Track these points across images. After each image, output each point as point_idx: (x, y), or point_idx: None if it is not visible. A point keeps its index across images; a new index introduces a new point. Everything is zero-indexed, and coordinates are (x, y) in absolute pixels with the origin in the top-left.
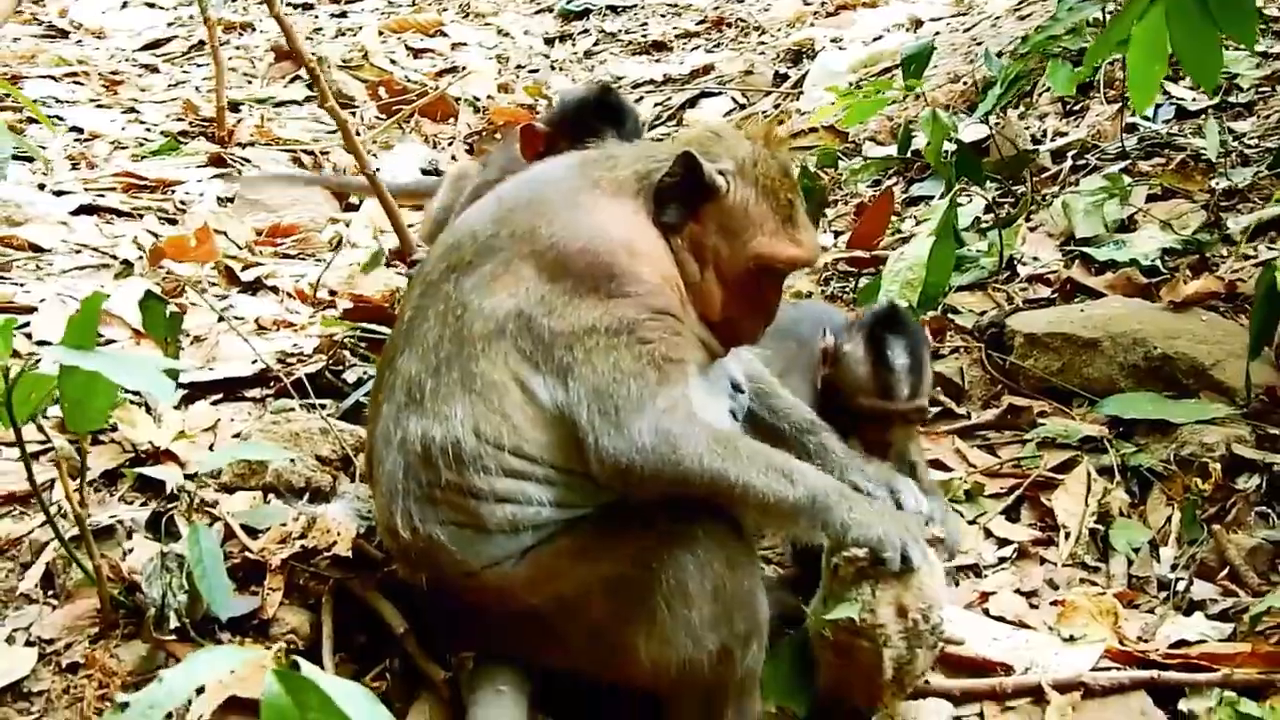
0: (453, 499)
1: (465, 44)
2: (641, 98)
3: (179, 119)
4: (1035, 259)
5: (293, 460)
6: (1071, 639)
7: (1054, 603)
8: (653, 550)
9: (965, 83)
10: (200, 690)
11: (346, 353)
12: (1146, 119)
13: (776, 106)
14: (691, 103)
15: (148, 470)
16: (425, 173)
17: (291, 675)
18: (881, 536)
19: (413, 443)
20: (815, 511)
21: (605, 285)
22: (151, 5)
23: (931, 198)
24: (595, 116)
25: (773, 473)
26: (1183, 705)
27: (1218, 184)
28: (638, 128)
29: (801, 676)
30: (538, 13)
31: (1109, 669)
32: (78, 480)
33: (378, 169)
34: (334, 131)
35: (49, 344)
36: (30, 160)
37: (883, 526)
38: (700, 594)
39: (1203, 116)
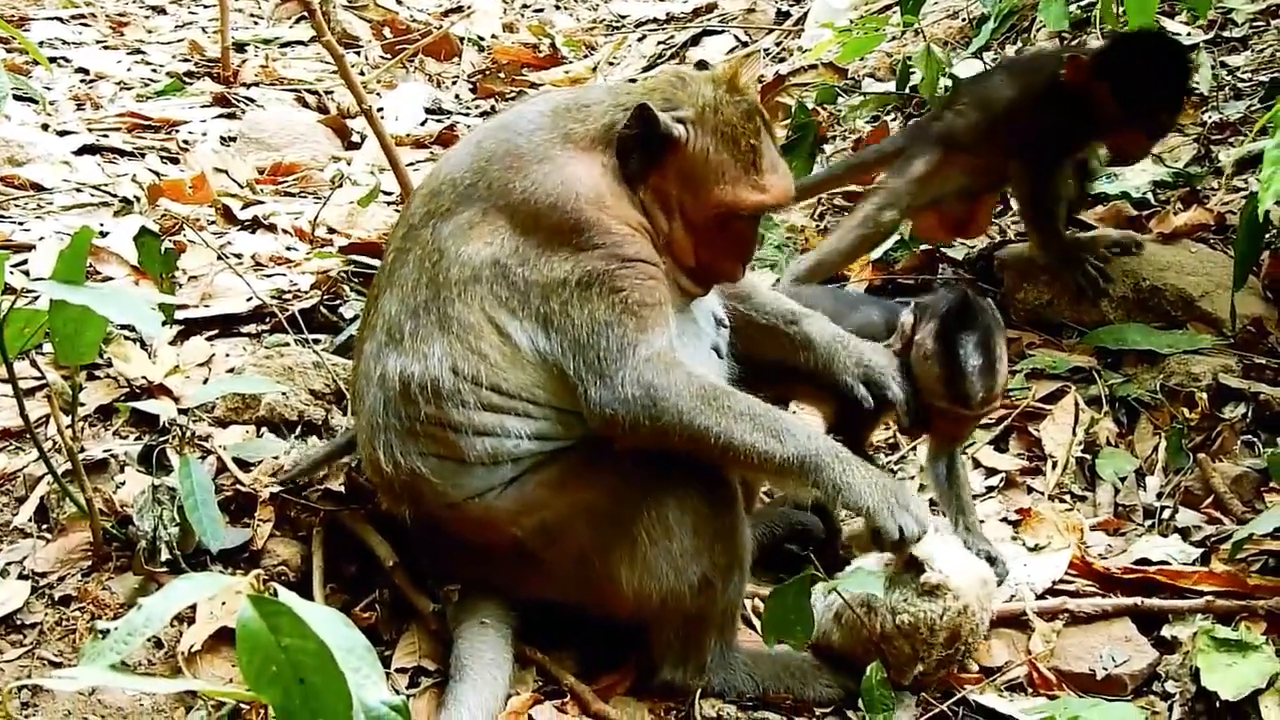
0: (433, 432)
1: None
2: (644, 36)
3: (184, 59)
4: None
5: (285, 394)
6: (1037, 548)
7: (1018, 512)
8: (634, 479)
9: (962, 19)
10: (191, 622)
11: (346, 288)
12: None
13: (778, 44)
14: (694, 40)
15: (141, 405)
16: (430, 112)
17: (266, 600)
18: (874, 507)
19: (392, 379)
20: (805, 471)
21: (575, 238)
22: None
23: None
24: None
25: (759, 430)
26: (1165, 631)
27: (1209, 117)
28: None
29: (802, 613)
30: None
31: (1091, 595)
32: (70, 415)
33: (380, 108)
34: (338, 71)
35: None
36: (34, 102)
37: (877, 495)
38: (680, 524)
39: (1196, 50)
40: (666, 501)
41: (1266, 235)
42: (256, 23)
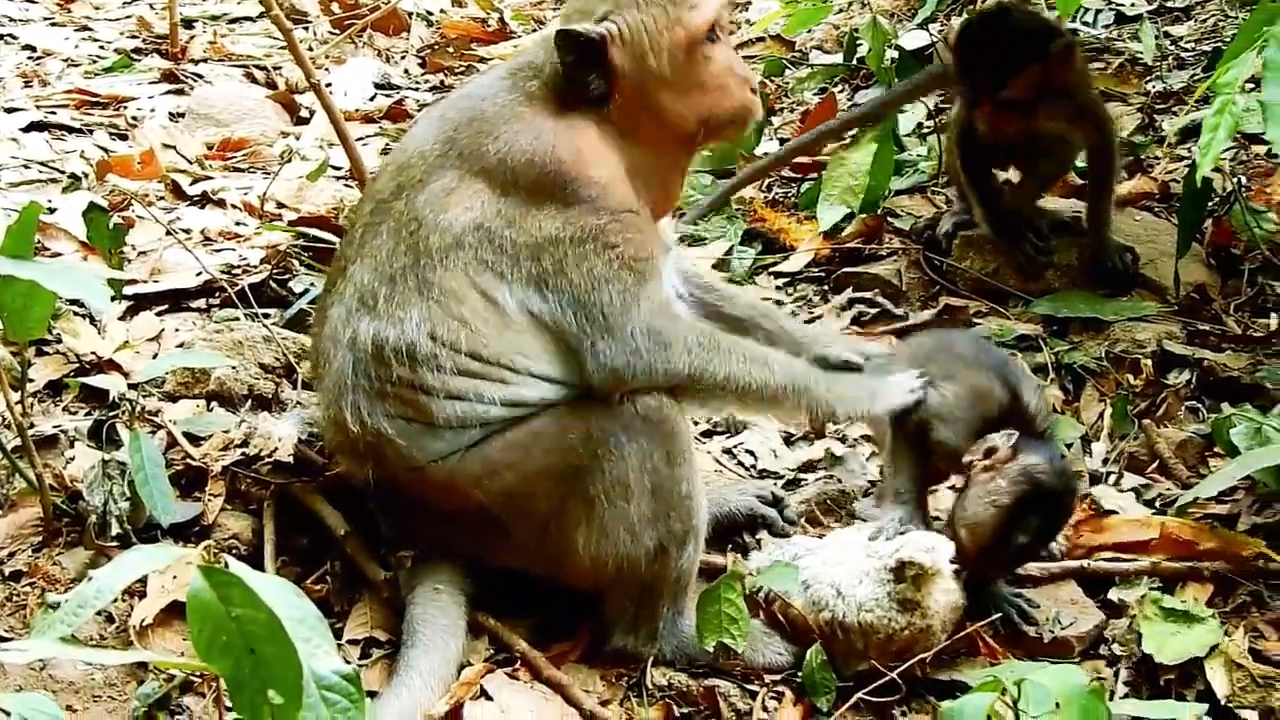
0: (403, 394)
1: None
2: None
3: (132, 36)
4: None
5: (235, 368)
6: None
7: None
8: (596, 442)
9: None
10: (143, 596)
11: (295, 262)
12: (1086, 25)
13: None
14: None
15: (91, 380)
16: (379, 87)
17: (216, 570)
18: (865, 409)
19: (364, 342)
20: (798, 394)
21: (559, 193)
22: None
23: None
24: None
25: (752, 362)
26: (1113, 594)
27: (1153, 87)
28: None
29: (736, 610)
30: None
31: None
32: (20, 391)
33: (329, 83)
34: (286, 46)
35: None
36: None
37: (865, 399)
38: (640, 488)
39: (1140, 21)
40: (627, 460)
41: (1209, 203)
42: None
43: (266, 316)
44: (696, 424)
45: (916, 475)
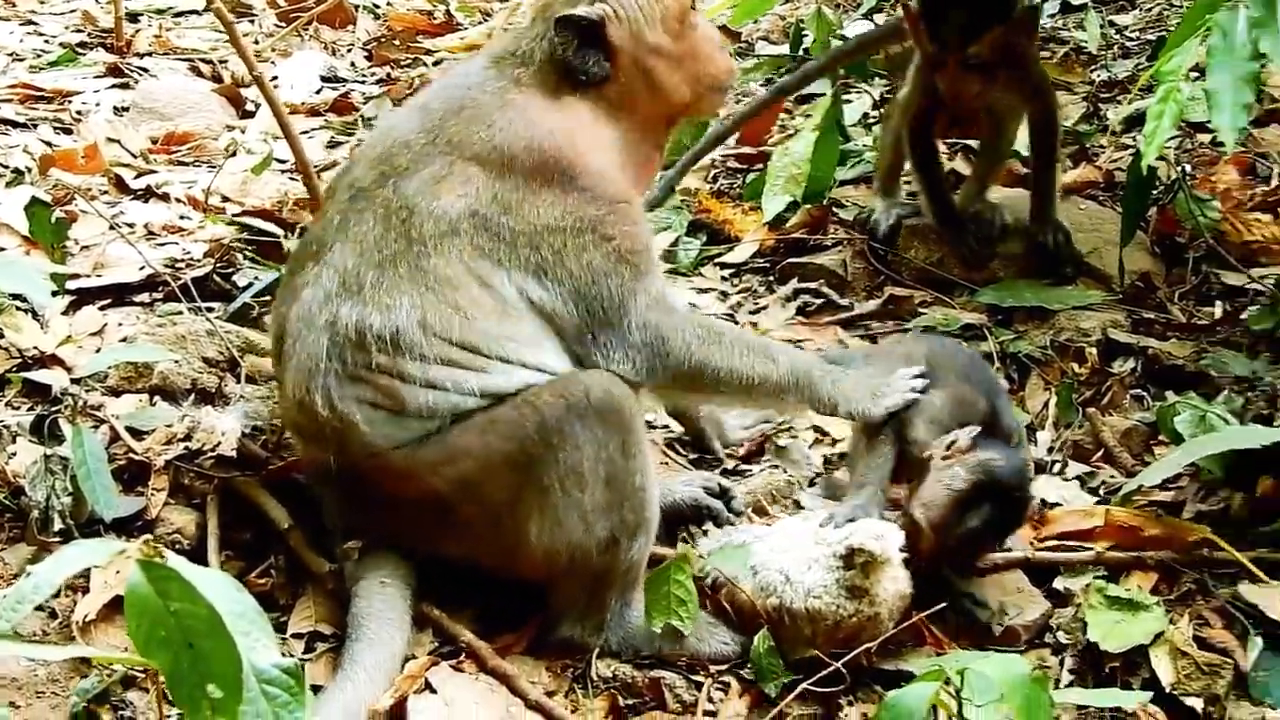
0: (378, 380)
1: None
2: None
3: (77, 30)
4: None
5: (178, 362)
6: None
7: None
8: (552, 431)
9: None
10: (86, 591)
11: (239, 256)
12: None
13: None
14: None
15: (33, 375)
16: (325, 80)
17: (154, 565)
18: (866, 410)
19: (344, 326)
20: (800, 387)
21: (557, 179)
22: None
23: (822, 95)
24: None
25: (754, 354)
26: (1058, 584)
27: (1098, 76)
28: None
29: (685, 592)
30: None
31: None
32: None
33: (275, 77)
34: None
35: None
36: None
37: (866, 398)
38: (594, 477)
39: (1085, 10)
40: (583, 449)
41: (1154, 191)
42: None
43: (210, 310)
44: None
45: (883, 466)
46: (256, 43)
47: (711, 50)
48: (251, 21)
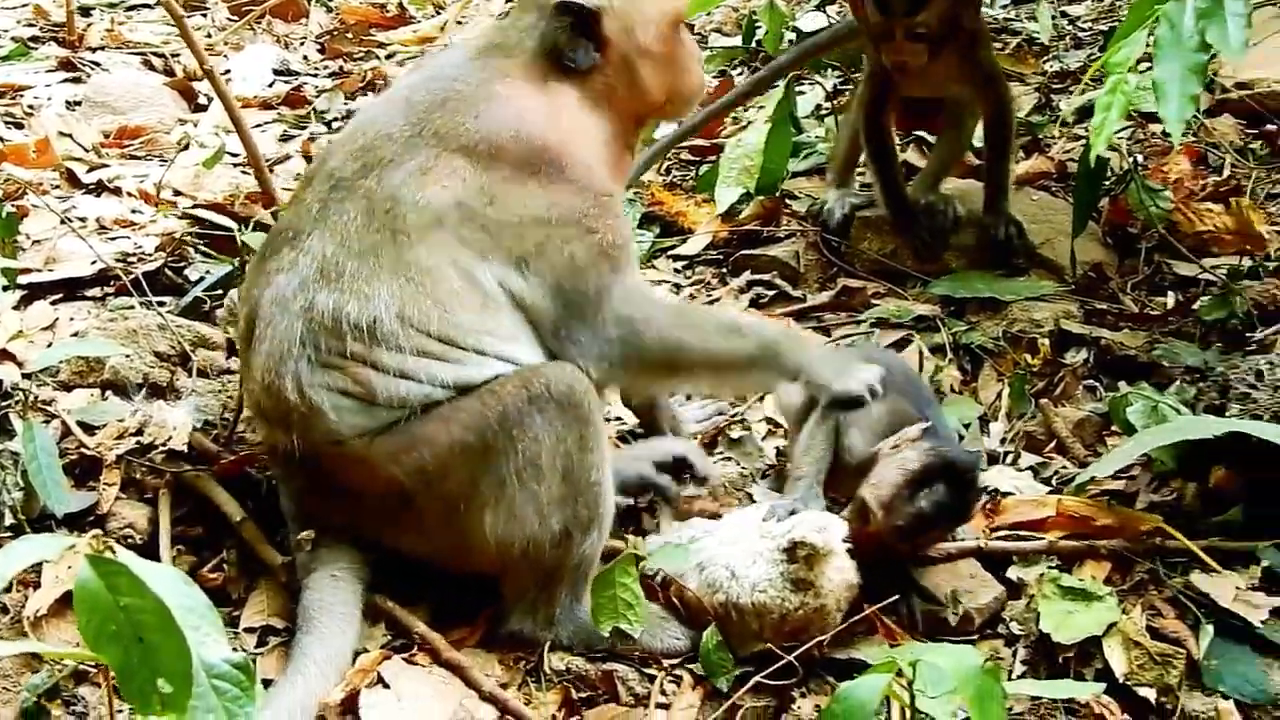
0: (350, 368)
1: None
2: None
3: (29, 24)
4: None
5: (129, 356)
6: None
7: None
8: (512, 423)
9: None
10: (38, 586)
11: (191, 250)
12: (984, 5)
13: None
14: None
15: None
16: (277, 73)
17: (104, 560)
18: (829, 379)
19: (320, 312)
20: (769, 359)
21: (544, 170)
22: None
23: (775, 87)
24: None
25: (723, 331)
26: (1011, 574)
27: (1050, 67)
28: None
29: (632, 595)
30: None
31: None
32: None
33: (227, 70)
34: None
35: None
36: None
37: (831, 368)
38: (551, 470)
39: (1037, 1)
40: (541, 441)
41: (1105, 182)
42: None
43: (161, 305)
44: None
45: (820, 460)
46: (209, 36)
47: (691, 63)
48: (204, 15)
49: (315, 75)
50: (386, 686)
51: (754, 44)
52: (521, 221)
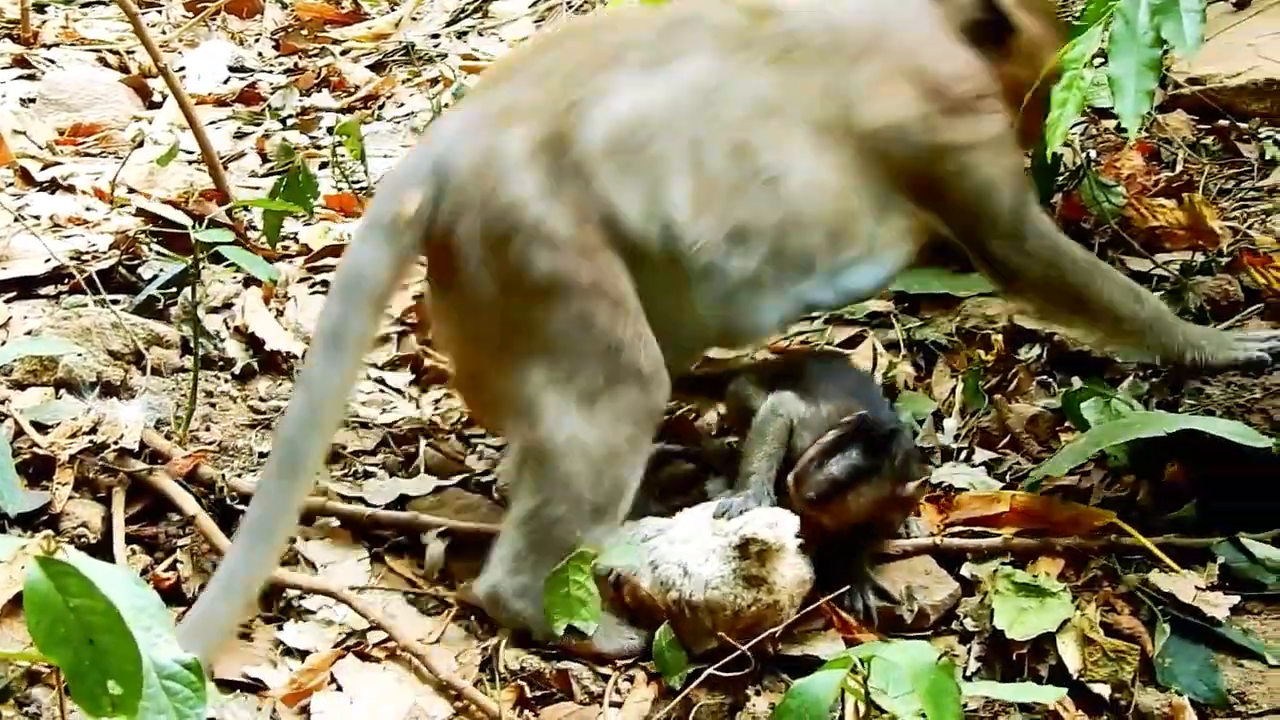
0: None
1: None
2: None
3: None
4: None
5: (83, 355)
6: None
7: None
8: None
9: None
10: None
11: (145, 248)
12: None
13: None
14: None
15: None
16: (233, 70)
17: (53, 561)
18: (1212, 354)
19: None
20: (1161, 330)
21: (974, 108)
22: None
23: None
24: None
25: (1126, 290)
26: (965, 570)
27: None
28: None
29: (586, 591)
30: None
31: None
32: None
33: (182, 67)
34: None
35: None
36: None
37: (1216, 344)
38: (600, 444)
39: None
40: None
41: (1059, 177)
42: None
43: (115, 303)
44: None
45: (773, 456)
46: (164, 33)
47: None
48: (159, 12)
49: (270, 72)
50: (340, 690)
51: None
52: (943, 147)
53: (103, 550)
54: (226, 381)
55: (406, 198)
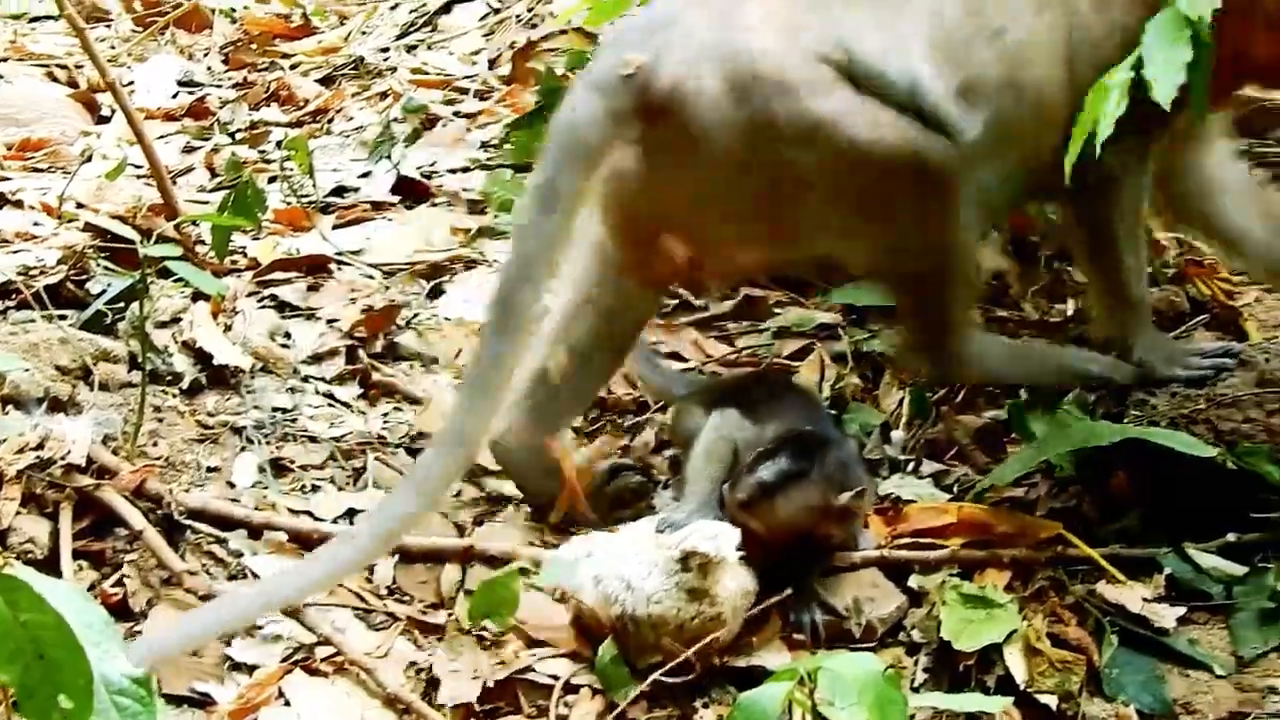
0: None
1: None
2: (396, 4)
3: None
4: None
5: (29, 370)
6: None
7: None
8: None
9: None
10: None
11: (93, 263)
12: None
13: (530, 10)
14: (445, 8)
15: None
16: (182, 84)
17: (4, 576)
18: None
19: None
20: (1138, 317)
21: None
22: None
23: None
24: None
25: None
26: (912, 582)
27: None
28: None
29: (509, 596)
30: None
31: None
32: None
33: (131, 82)
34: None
35: None
36: None
37: (1170, 366)
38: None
39: None
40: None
41: None
42: None
43: (63, 318)
44: None
45: (716, 471)
46: (112, 48)
47: None
48: (108, 26)
49: (219, 86)
50: (288, 704)
51: None
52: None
53: (50, 565)
54: (174, 396)
55: (630, 56)
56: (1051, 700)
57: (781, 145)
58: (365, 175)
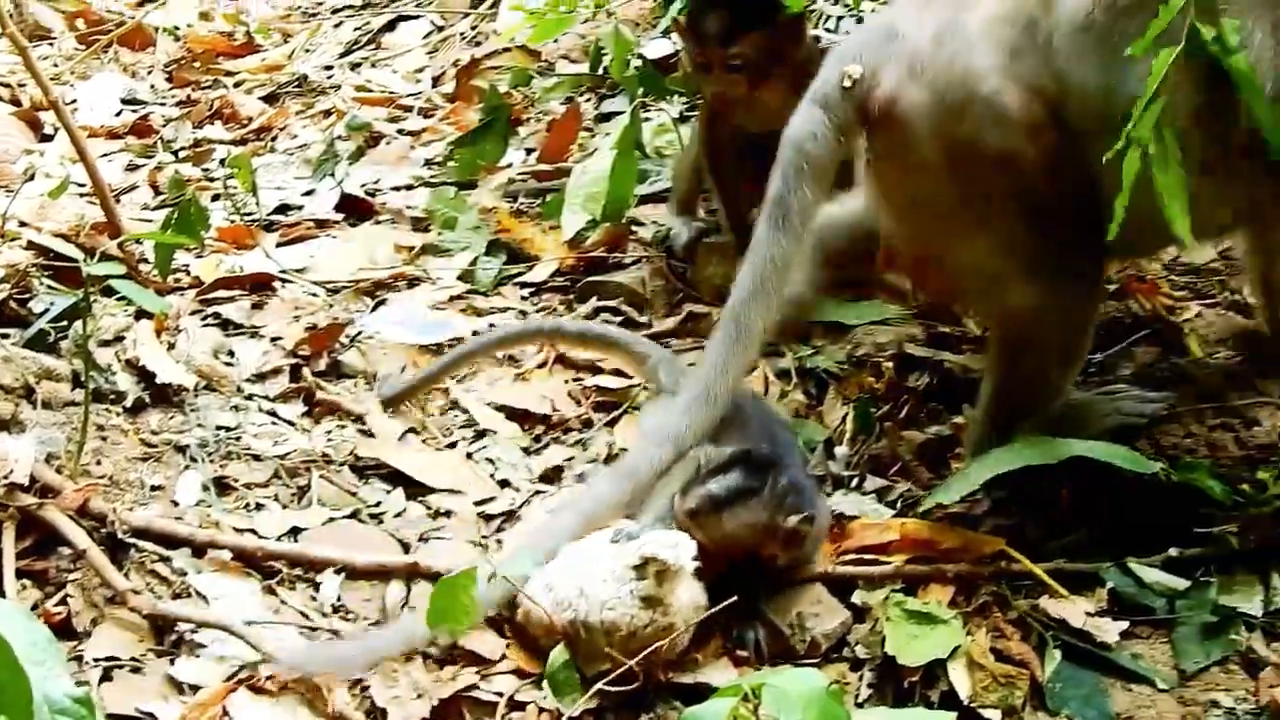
0: None
1: None
2: (340, 23)
3: None
4: None
5: None
6: None
7: None
8: None
9: None
10: None
11: (36, 282)
12: (829, 31)
13: (474, 28)
14: (390, 26)
15: None
16: (125, 102)
17: None
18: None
19: None
20: None
21: None
22: None
23: (622, 113)
24: None
25: None
26: (856, 598)
27: None
28: None
29: (470, 601)
30: None
31: None
32: None
33: (74, 100)
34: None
35: None
36: None
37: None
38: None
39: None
40: None
41: None
42: None
43: (5, 337)
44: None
45: (677, 486)
46: (55, 66)
47: None
48: (51, 44)
49: (163, 104)
50: None
51: (601, 71)
52: None
53: None
54: (118, 415)
55: (849, 69)
56: (995, 715)
57: (982, 169)
58: (309, 193)
